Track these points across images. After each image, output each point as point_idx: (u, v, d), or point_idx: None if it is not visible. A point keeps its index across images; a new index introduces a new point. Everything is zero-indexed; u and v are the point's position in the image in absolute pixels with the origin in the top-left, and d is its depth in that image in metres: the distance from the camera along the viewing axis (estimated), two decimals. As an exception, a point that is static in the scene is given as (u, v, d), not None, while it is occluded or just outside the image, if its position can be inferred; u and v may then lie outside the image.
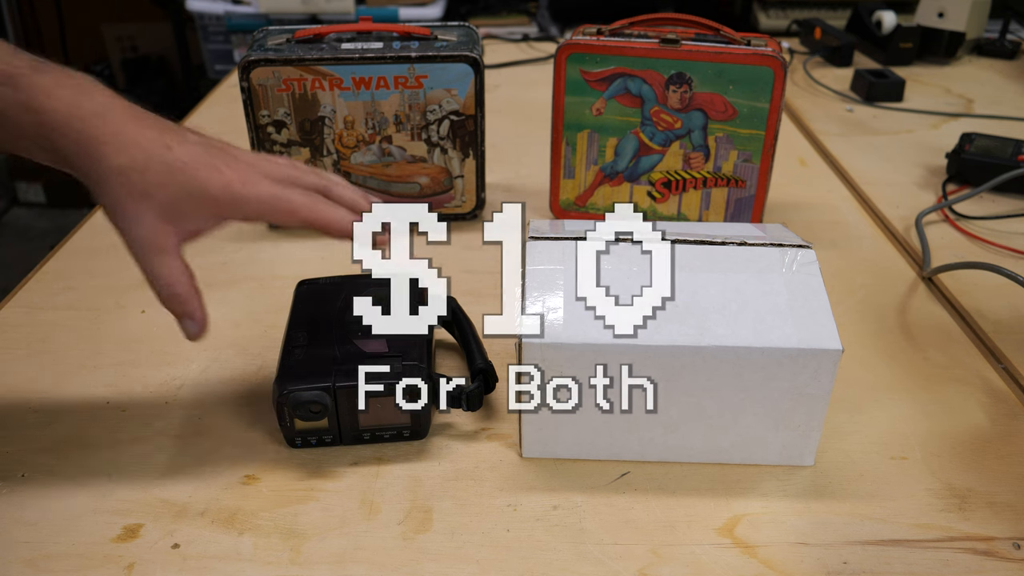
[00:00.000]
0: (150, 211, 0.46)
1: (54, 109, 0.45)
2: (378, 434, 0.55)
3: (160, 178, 0.46)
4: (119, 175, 0.45)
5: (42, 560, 0.47)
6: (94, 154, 0.45)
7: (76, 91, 0.45)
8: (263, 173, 0.49)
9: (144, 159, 0.46)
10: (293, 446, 0.55)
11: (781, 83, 0.72)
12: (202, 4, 1.98)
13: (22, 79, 0.45)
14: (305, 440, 0.55)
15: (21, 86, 0.44)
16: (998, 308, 0.70)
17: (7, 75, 0.45)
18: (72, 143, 0.45)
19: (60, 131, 0.45)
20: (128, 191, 0.46)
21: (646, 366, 0.50)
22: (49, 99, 0.45)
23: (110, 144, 0.45)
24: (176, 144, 0.47)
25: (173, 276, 0.48)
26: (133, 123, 0.46)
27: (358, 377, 0.53)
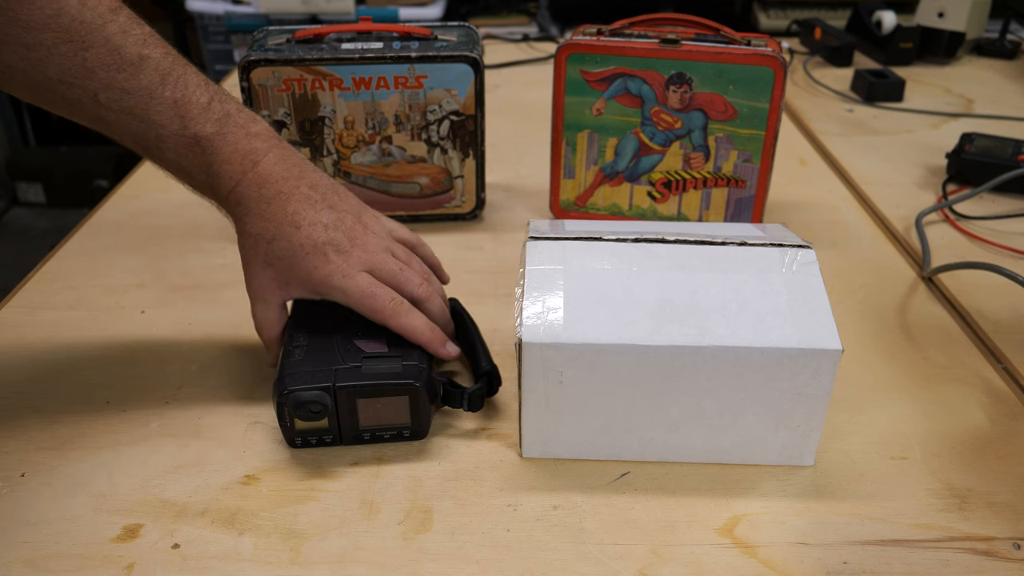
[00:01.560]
0: (266, 274, 0.56)
1: (228, 178, 0.54)
2: (378, 434, 0.55)
3: (280, 252, 0.55)
4: (252, 239, 0.55)
5: (42, 560, 0.47)
6: (242, 217, 0.55)
7: (247, 160, 0.54)
8: (368, 267, 0.56)
9: (274, 233, 0.55)
10: (293, 446, 0.55)
11: (781, 83, 0.72)
12: (202, 4, 1.98)
13: (209, 144, 0.53)
14: (305, 440, 0.55)
15: (207, 151, 0.53)
16: (998, 308, 0.70)
17: (196, 139, 0.53)
18: (231, 205, 0.56)
19: (225, 192, 0.55)
20: (255, 254, 0.56)
21: (646, 366, 0.50)
22: (225, 167, 0.54)
23: (255, 214, 0.55)
24: (306, 224, 0.55)
25: (268, 323, 0.58)
26: (280, 197, 0.55)
27: (358, 378, 0.53)
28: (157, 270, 0.76)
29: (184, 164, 0.54)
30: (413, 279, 0.58)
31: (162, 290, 0.73)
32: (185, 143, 0.53)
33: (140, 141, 0.53)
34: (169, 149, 0.53)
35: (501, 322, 0.68)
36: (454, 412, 0.58)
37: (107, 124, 0.52)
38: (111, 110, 0.51)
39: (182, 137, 0.53)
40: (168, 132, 0.52)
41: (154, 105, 0.52)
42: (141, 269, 0.76)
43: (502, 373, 0.61)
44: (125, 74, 0.51)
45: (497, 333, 0.66)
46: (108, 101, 0.51)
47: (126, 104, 0.51)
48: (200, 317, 0.69)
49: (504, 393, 0.60)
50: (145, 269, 0.76)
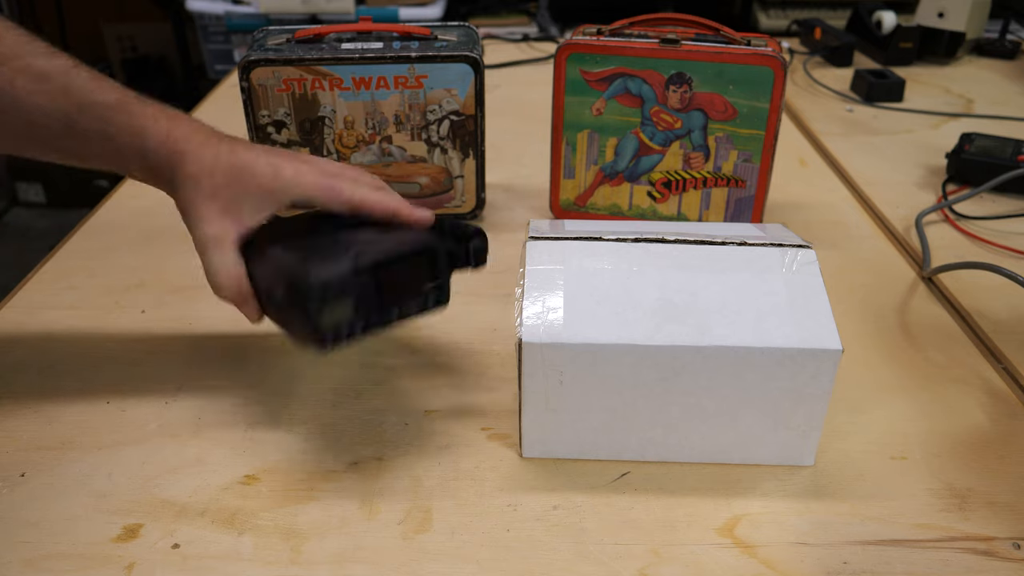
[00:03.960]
0: (215, 209, 0.53)
1: (155, 133, 0.54)
2: (405, 309, 0.52)
3: (224, 179, 0.53)
4: (192, 179, 0.53)
5: (42, 560, 0.47)
6: (176, 166, 0.53)
7: (171, 120, 0.54)
8: (319, 169, 0.55)
9: (212, 164, 0.53)
10: (323, 347, 0.49)
11: (781, 83, 0.72)
12: (202, 4, 1.98)
13: (132, 106, 0.54)
14: (336, 336, 0.49)
15: (134, 113, 0.54)
16: (998, 308, 0.70)
17: (123, 103, 0.53)
18: (163, 159, 0.54)
19: (155, 151, 0.54)
20: (198, 192, 0.53)
21: (646, 366, 0.50)
22: (151, 122, 0.54)
23: (188, 156, 0.53)
24: (242, 150, 0.54)
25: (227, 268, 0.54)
26: (211, 140, 0.54)
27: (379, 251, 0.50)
28: (157, 270, 0.76)
29: (109, 129, 0.53)
30: (363, 173, 0.58)
31: (162, 290, 0.73)
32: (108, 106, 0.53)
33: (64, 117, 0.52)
34: (93, 118, 0.53)
35: (501, 322, 0.68)
36: (454, 412, 0.58)
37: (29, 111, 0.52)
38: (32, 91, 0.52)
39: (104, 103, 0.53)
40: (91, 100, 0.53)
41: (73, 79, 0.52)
42: (141, 269, 0.76)
43: (502, 373, 0.61)
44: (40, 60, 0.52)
45: (497, 333, 0.66)
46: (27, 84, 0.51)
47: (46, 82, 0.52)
48: (200, 317, 0.69)
49: (504, 393, 0.60)
50: (145, 269, 0.76)
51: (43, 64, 0.52)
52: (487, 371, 0.62)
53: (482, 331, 0.63)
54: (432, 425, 0.57)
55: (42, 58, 0.52)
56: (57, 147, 0.55)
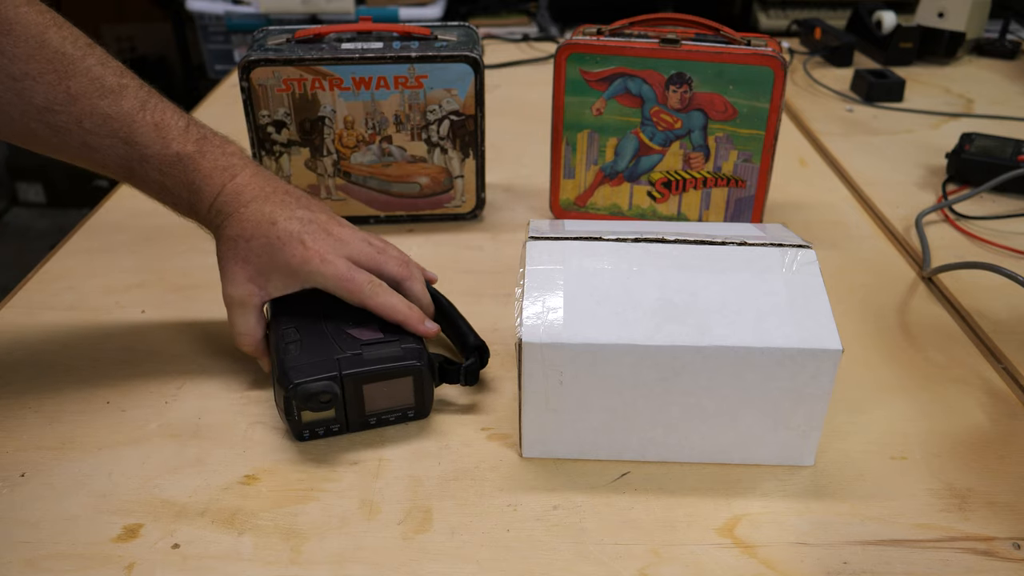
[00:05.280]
0: (244, 272, 0.57)
1: (209, 191, 0.57)
2: (384, 418, 0.56)
3: (258, 248, 0.56)
4: (231, 241, 0.57)
5: (42, 560, 0.47)
6: (220, 225, 0.57)
7: (226, 174, 0.57)
8: (345, 254, 0.58)
9: (251, 232, 0.56)
10: (301, 439, 0.56)
11: (781, 83, 0.72)
12: (202, 4, 1.98)
13: (190, 162, 0.56)
14: (313, 432, 0.55)
15: (189, 168, 0.56)
16: (998, 308, 0.70)
17: (179, 157, 0.56)
18: (212, 218, 0.57)
19: (206, 205, 0.57)
20: (233, 255, 0.57)
21: (646, 366, 0.50)
22: (206, 181, 0.56)
23: (233, 218, 0.56)
24: (282, 220, 0.56)
25: (248, 328, 0.58)
26: (257, 201, 0.57)
27: (362, 364, 0.54)
28: (157, 270, 0.76)
29: (167, 183, 0.56)
30: (390, 261, 0.60)
31: (162, 290, 0.73)
32: (168, 161, 0.56)
33: (124, 164, 0.56)
34: (152, 169, 0.56)
35: (501, 322, 0.68)
36: (455, 406, 0.58)
37: (92, 150, 0.55)
38: (96, 135, 0.54)
39: (164, 156, 0.55)
40: (151, 152, 0.55)
41: (136, 128, 0.55)
42: (141, 269, 0.76)
43: (502, 373, 0.61)
44: (107, 100, 0.54)
45: (497, 333, 0.66)
46: (93, 127, 0.54)
47: (110, 128, 0.54)
48: (200, 317, 0.69)
49: (504, 393, 0.60)
50: (145, 269, 0.76)
51: (109, 107, 0.54)
52: (487, 371, 0.62)
53: (482, 331, 0.63)
54: (432, 425, 0.57)
55: (109, 98, 0.54)
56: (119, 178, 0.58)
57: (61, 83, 0.53)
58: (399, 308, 0.57)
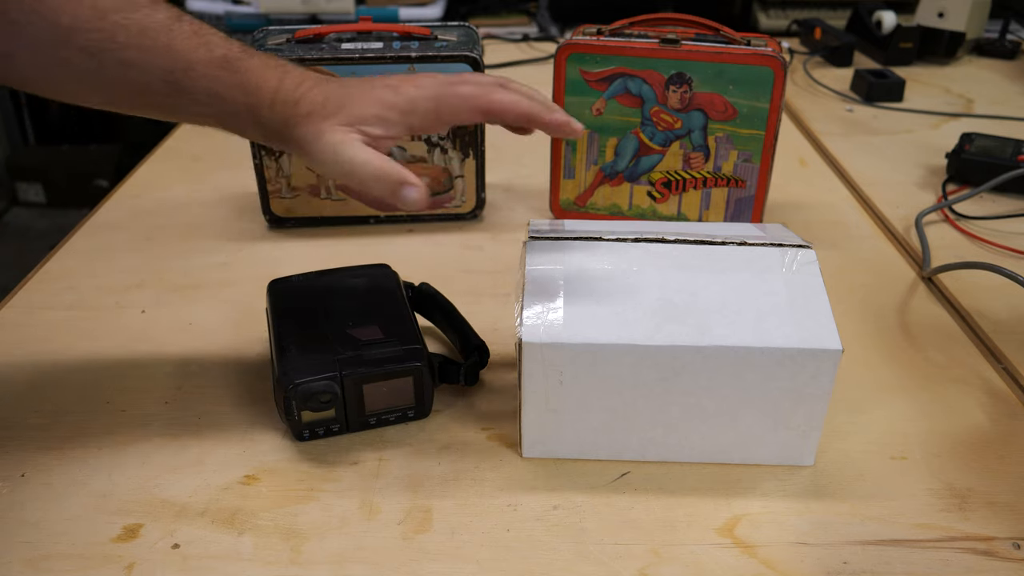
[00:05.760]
0: (336, 122, 0.51)
1: (267, 86, 0.51)
2: (383, 418, 0.56)
3: (338, 102, 0.51)
4: (306, 118, 0.51)
5: (42, 560, 0.47)
6: (290, 115, 0.51)
7: (279, 70, 0.52)
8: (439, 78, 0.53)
9: (323, 98, 0.52)
10: (301, 439, 0.56)
11: (781, 83, 0.72)
12: (202, 4, 1.98)
13: (239, 63, 0.51)
14: (313, 432, 0.55)
15: (240, 69, 0.51)
16: (998, 308, 0.70)
17: (227, 59, 0.51)
18: (277, 114, 0.52)
19: (268, 104, 0.51)
20: (316, 120, 0.51)
21: (646, 366, 0.50)
22: (261, 79, 0.52)
23: (302, 101, 0.51)
24: (357, 82, 0.53)
25: (372, 155, 0.51)
26: (323, 82, 0.53)
27: (362, 364, 0.54)
28: (157, 270, 0.76)
29: (218, 88, 0.51)
30: (481, 76, 0.55)
31: (162, 290, 0.73)
32: (216, 64, 0.51)
33: (168, 77, 0.50)
34: (200, 76, 0.51)
35: (501, 322, 0.68)
36: (455, 406, 0.58)
37: (130, 67, 0.50)
38: (134, 48, 0.49)
39: (211, 60, 0.51)
40: (197, 58, 0.51)
41: (176, 36, 0.50)
42: (141, 269, 0.76)
43: (502, 373, 0.61)
44: (140, 13, 0.50)
45: (497, 333, 0.66)
46: (129, 40, 0.49)
47: (149, 39, 0.50)
48: (200, 317, 0.69)
49: (504, 393, 0.60)
50: (145, 269, 0.76)
51: (144, 18, 0.50)
52: (487, 371, 0.62)
53: (482, 331, 0.63)
54: (432, 425, 0.57)
55: (143, 10, 0.50)
56: (162, 105, 0.52)
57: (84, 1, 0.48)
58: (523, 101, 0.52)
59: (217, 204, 0.88)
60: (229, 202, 0.88)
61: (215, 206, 0.88)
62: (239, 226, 0.84)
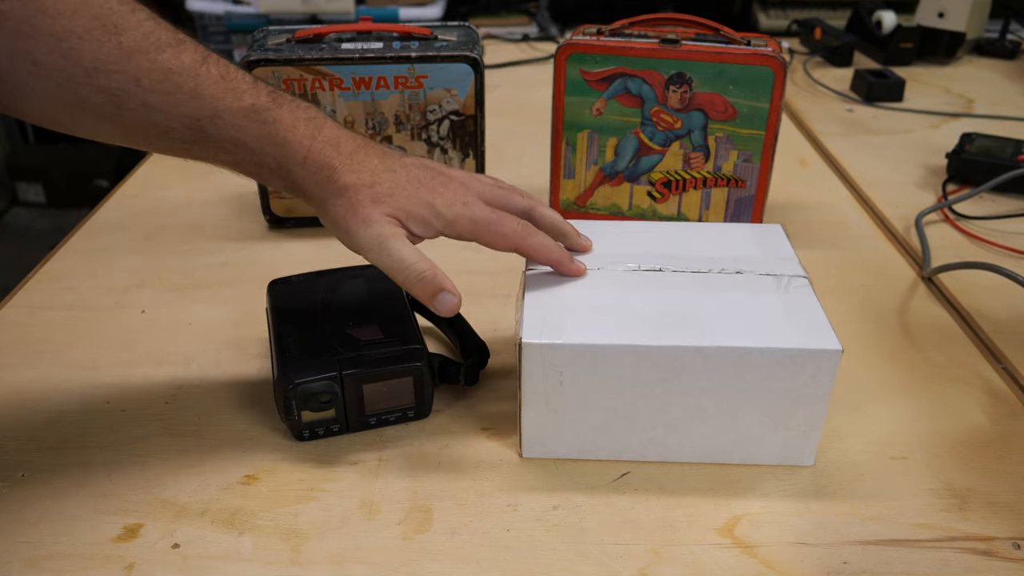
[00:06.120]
0: (381, 212, 0.51)
1: (298, 142, 0.50)
2: (384, 418, 0.56)
3: (388, 190, 0.51)
4: (351, 190, 0.50)
5: (42, 560, 0.47)
6: (326, 177, 0.50)
7: (311, 125, 0.51)
8: (477, 194, 0.54)
9: (371, 177, 0.51)
10: (301, 439, 0.56)
11: (781, 83, 0.72)
12: (202, 4, 1.98)
13: (268, 113, 0.50)
14: (313, 432, 0.55)
15: (268, 120, 0.50)
16: (998, 308, 0.70)
17: (255, 109, 0.49)
18: (308, 172, 0.50)
19: (300, 164, 0.50)
20: (360, 200, 0.51)
21: (646, 366, 0.50)
22: (291, 133, 0.50)
23: (342, 168, 0.51)
24: (398, 167, 0.52)
25: (418, 256, 0.51)
26: (361, 151, 0.52)
27: (363, 364, 0.54)
28: (157, 270, 0.76)
29: (246, 139, 0.50)
30: (513, 194, 0.56)
31: (162, 290, 0.73)
32: (244, 114, 0.49)
33: (194, 125, 0.49)
34: (227, 125, 0.49)
35: (501, 322, 0.68)
36: (455, 406, 0.58)
37: (154, 111, 0.48)
38: (157, 92, 0.47)
39: (239, 109, 0.49)
40: (223, 106, 0.49)
41: (203, 81, 0.48)
42: (141, 269, 0.76)
43: (502, 373, 0.61)
44: (166, 55, 0.48)
45: (497, 333, 0.66)
46: (153, 84, 0.47)
47: (173, 83, 0.48)
48: (200, 317, 0.69)
49: (504, 393, 0.60)
50: (145, 269, 0.76)
51: (169, 61, 0.48)
52: (487, 371, 0.62)
53: (482, 331, 0.63)
54: (432, 425, 0.57)
55: (168, 52, 0.48)
56: (186, 150, 0.51)
57: (111, 39, 0.46)
58: (552, 249, 0.54)
59: (217, 204, 0.88)
60: (229, 202, 0.88)
61: (215, 206, 0.88)
62: (239, 226, 0.84)
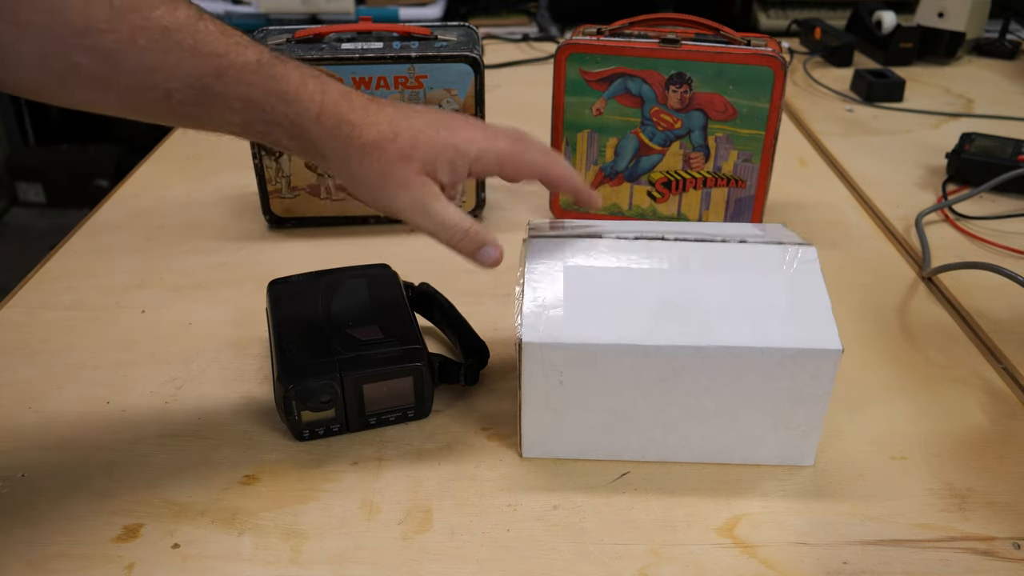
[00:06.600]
0: (413, 170, 0.49)
1: (309, 97, 0.48)
2: (384, 418, 0.56)
3: (411, 140, 0.49)
4: (375, 148, 0.49)
5: (42, 560, 0.47)
6: (346, 135, 0.48)
7: (319, 82, 0.49)
8: (498, 131, 0.53)
9: (391, 130, 0.49)
10: (301, 439, 0.56)
11: (781, 83, 0.72)
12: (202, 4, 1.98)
13: (275, 69, 0.47)
14: (313, 432, 0.55)
15: (276, 76, 0.47)
16: (998, 308, 0.70)
17: (260, 64, 0.47)
18: (324, 129, 0.48)
19: (313, 119, 0.48)
20: (388, 159, 0.49)
21: (646, 366, 0.50)
22: (302, 88, 0.48)
23: (360, 123, 0.48)
24: (413, 114, 0.51)
25: (458, 215, 0.51)
26: (373, 102, 0.50)
27: (363, 364, 0.54)
28: (157, 270, 0.76)
29: (254, 95, 0.47)
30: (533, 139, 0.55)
31: (162, 290, 0.73)
32: (249, 69, 0.46)
33: (198, 83, 0.46)
34: (233, 81, 0.46)
35: (501, 322, 0.68)
36: (455, 406, 0.58)
37: (153, 72, 0.45)
38: (157, 51, 0.44)
39: (244, 63, 0.46)
40: (228, 62, 0.46)
41: (202, 37, 0.45)
42: (141, 269, 0.76)
43: (502, 373, 0.61)
44: (161, 11, 0.44)
45: (497, 333, 0.66)
46: (150, 42, 0.44)
47: (173, 40, 0.45)
48: (200, 316, 0.69)
49: (504, 393, 0.60)
50: (145, 269, 0.76)
51: (165, 17, 0.44)
52: (487, 371, 0.62)
53: (482, 331, 0.63)
54: (432, 425, 0.57)
55: (163, 8, 0.44)
56: (188, 114, 0.47)
57: None
58: (576, 177, 0.54)
59: (217, 204, 0.88)
60: (229, 202, 0.88)
61: (215, 206, 0.88)
62: (239, 226, 0.84)
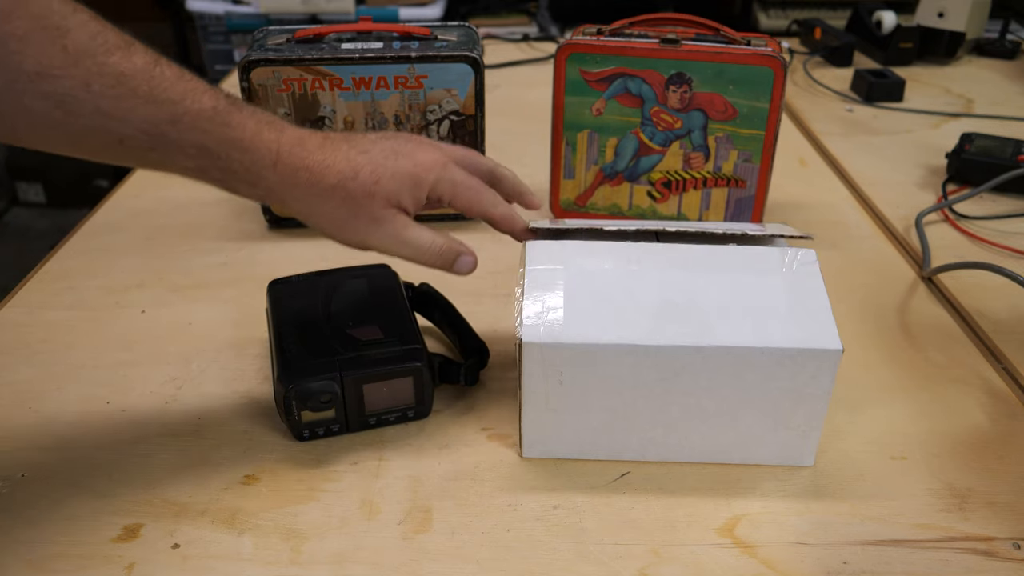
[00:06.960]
0: (379, 205, 0.51)
1: (265, 146, 0.48)
2: (384, 418, 0.56)
3: (371, 175, 0.51)
4: (338, 190, 0.50)
5: (42, 560, 0.47)
6: (305, 181, 0.49)
7: (273, 128, 0.49)
8: (450, 156, 0.54)
9: (351, 168, 0.50)
10: (301, 439, 0.56)
11: (781, 83, 0.72)
12: (202, 4, 1.98)
13: (231, 116, 0.48)
14: (313, 432, 0.55)
15: (231, 123, 0.48)
16: (998, 308, 0.70)
17: (216, 111, 0.47)
18: (282, 177, 0.49)
19: (270, 166, 0.49)
20: (353, 198, 0.50)
21: (646, 366, 0.50)
22: (257, 137, 0.48)
23: (317, 168, 0.50)
24: (368, 146, 0.52)
25: (429, 236, 0.53)
26: (328, 141, 0.51)
27: (363, 364, 0.54)
28: (157, 270, 0.76)
29: (209, 143, 0.47)
30: (477, 156, 0.58)
31: (162, 290, 0.73)
32: (204, 116, 0.46)
33: (152, 130, 0.45)
34: (188, 128, 0.46)
35: (501, 322, 0.68)
36: (455, 407, 0.58)
37: (108, 118, 0.44)
38: (111, 97, 0.44)
39: (199, 112, 0.46)
40: (183, 109, 0.46)
41: (158, 83, 0.45)
42: (141, 269, 0.76)
43: (502, 373, 0.61)
44: (116, 56, 0.44)
45: (497, 333, 0.66)
46: (105, 88, 0.44)
47: (128, 87, 0.44)
48: (200, 317, 0.69)
49: (504, 393, 0.60)
50: (145, 269, 0.76)
51: (121, 63, 0.44)
52: (487, 371, 0.62)
53: (482, 331, 0.63)
54: (432, 425, 0.57)
55: (118, 54, 0.44)
56: (143, 158, 0.47)
57: (55, 42, 0.42)
58: (515, 219, 0.57)
59: (217, 204, 0.88)
60: (229, 202, 0.88)
61: (215, 206, 0.88)
62: (239, 226, 0.84)
